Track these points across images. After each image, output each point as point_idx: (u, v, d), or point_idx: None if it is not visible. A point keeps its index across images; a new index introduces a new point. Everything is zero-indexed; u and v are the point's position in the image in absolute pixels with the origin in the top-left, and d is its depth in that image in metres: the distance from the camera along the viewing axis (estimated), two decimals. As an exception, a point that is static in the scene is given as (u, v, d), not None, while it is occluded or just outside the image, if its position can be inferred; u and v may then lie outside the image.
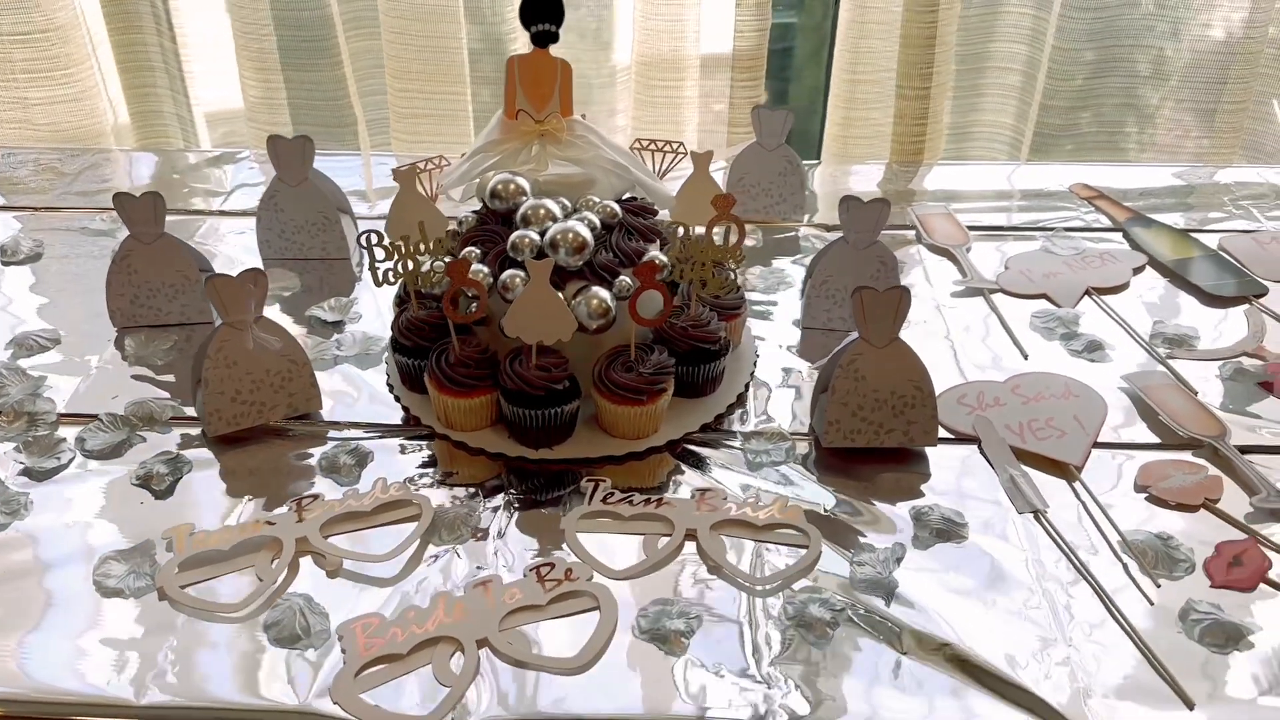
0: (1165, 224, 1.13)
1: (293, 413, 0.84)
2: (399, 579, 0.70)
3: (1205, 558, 0.71)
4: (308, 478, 0.79)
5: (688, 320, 0.84)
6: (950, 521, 0.74)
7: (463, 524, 0.74)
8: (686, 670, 0.64)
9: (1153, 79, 1.44)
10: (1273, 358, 0.91)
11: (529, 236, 0.81)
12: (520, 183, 0.86)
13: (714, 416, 0.85)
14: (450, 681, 0.63)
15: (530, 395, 0.78)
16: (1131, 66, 1.43)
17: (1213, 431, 0.82)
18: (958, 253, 1.08)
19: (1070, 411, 0.84)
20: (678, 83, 1.33)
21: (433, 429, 0.83)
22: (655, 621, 0.66)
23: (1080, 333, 0.95)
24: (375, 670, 0.64)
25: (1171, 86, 1.44)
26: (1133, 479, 0.78)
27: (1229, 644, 0.65)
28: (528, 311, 0.77)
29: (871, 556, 0.71)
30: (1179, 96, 1.44)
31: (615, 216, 0.87)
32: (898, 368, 0.79)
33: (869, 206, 0.91)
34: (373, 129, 1.44)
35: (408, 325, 0.84)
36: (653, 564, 0.71)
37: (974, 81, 1.39)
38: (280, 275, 1.05)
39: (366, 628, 0.66)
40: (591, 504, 0.76)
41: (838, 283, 0.94)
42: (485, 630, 0.65)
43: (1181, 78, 1.42)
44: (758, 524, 0.74)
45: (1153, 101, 1.46)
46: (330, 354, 0.93)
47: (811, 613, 0.67)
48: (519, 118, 0.88)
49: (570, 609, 0.68)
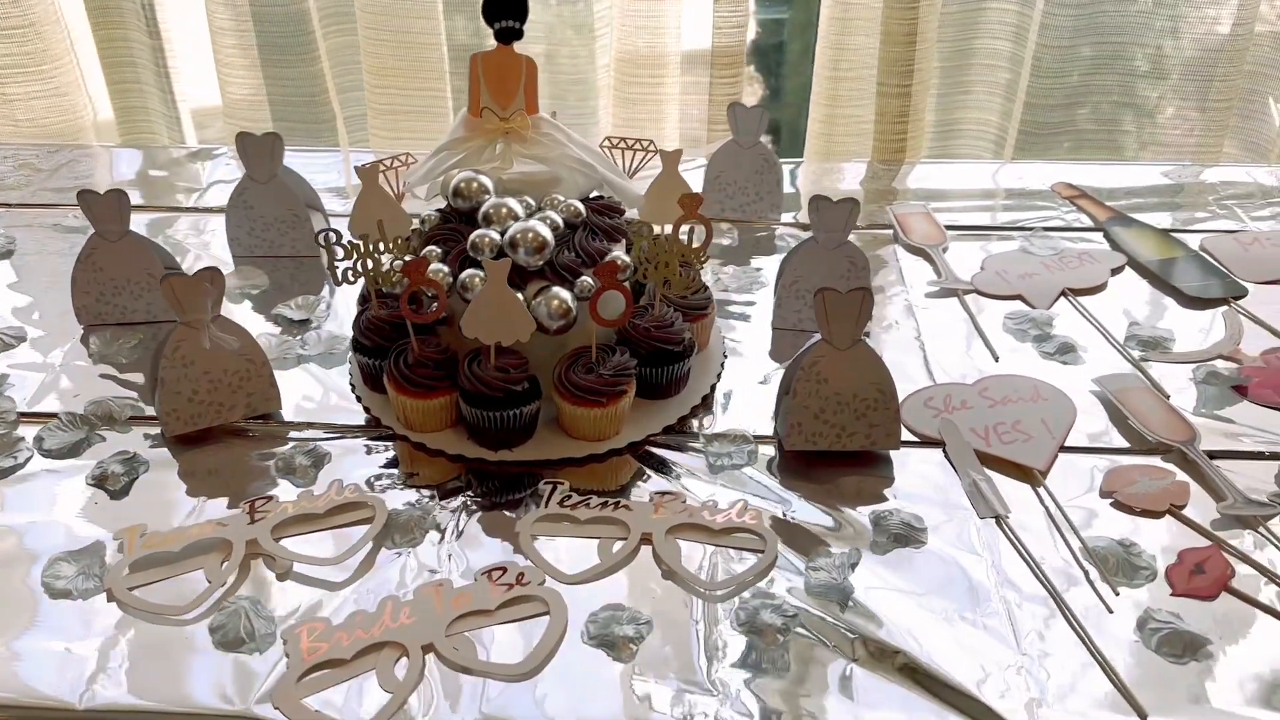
0: (1146, 224, 1.11)
1: (252, 413, 0.83)
2: (350, 582, 0.70)
3: (1168, 565, 0.70)
4: (267, 479, 0.79)
5: (651, 321, 0.83)
6: (909, 526, 0.73)
7: (417, 527, 0.73)
8: (633, 677, 0.63)
9: (1146, 76, 1.42)
10: (1248, 361, 0.90)
11: (489, 236, 0.81)
12: (483, 181, 0.85)
13: (677, 419, 0.84)
14: (393, 688, 0.62)
15: (488, 397, 0.77)
16: (1127, 64, 1.41)
17: (1183, 436, 0.80)
18: (933, 253, 1.06)
19: (1038, 415, 0.83)
20: (658, 79, 1.31)
21: (393, 430, 0.82)
22: (605, 627, 0.65)
23: (1053, 334, 0.93)
24: (319, 675, 0.63)
25: (1170, 84, 1.42)
26: (1099, 484, 0.77)
27: (1186, 654, 0.64)
28: (485, 312, 0.76)
29: (827, 562, 0.70)
30: (1169, 93, 1.42)
31: (579, 216, 0.86)
32: (860, 370, 0.78)
33: (838, 206, 0.90)
34: (352, 125, 1.43)
35: (368, 325, 0.83)
36: (606, 568, 0.70)
37: (959, 78, 1.37)
38: (249, 273, 1.04)
39: (312, 632, 0.65)
40: (548, 507, 0.75)
41: (808, 283, 0.93)
42: (431, 635, 0.65)
43: (1178, 74, 1.40)
44: (715, 528, 0.73)
45: (1151, 97, 1.44)
46: (294, 353, 0.92)
47: (763, 619, 0.66)
48: (483, 115, 0.87)
49: (519, 614, 0.67)
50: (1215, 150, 1.38)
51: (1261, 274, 1.02)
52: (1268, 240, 1.07)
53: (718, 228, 1.12)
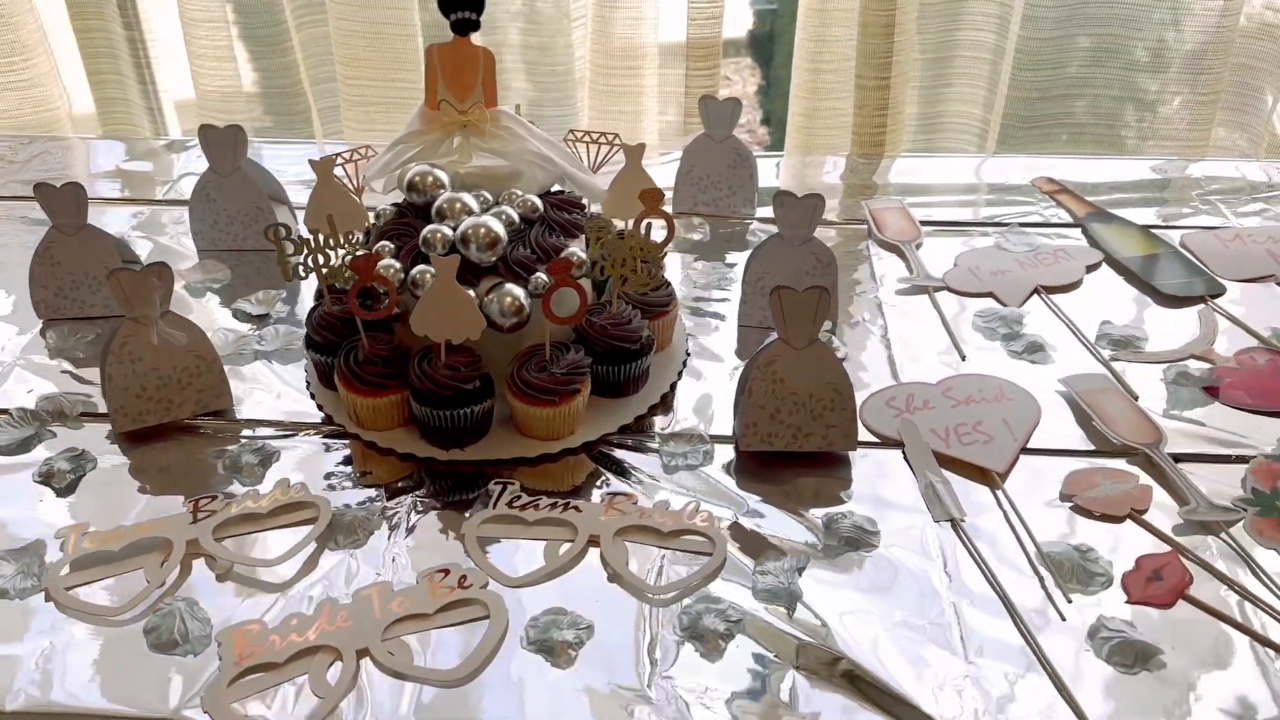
0: (1126, 220, 1.09)
1: (203, 409, 0.82)
2: (292, 584, 0.69)
3: (1124, 572, 0.68)
4: (219, 477, 0.78)
5: (608, 319, 0.82)
6: (861, 530, 0.71)
7: (361, 528, 0.72)
8: (569, 683, 0.62)
9: (1144, 69, 1.39)
10: (1221, 361, 0.88)
11: (442, 231, 0.79)
12: (438, 175, 0.84)
13: (634, 418, 0.82)
14: (324, 693, 0.61)
15: (438, 395, 0.76)
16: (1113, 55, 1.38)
17: (1149, 438, 0.79)
18: (906, 249, 1.05)
19: (1000, 416, 0.81)
20: (636, 72, 1.30)
21: (345, 429, 0.81)
22: (544, 632, 0.64)
23: (1023, 333, 0.92)
24: (252, 679, 0.62)
25: (1164, 76, 1.39)
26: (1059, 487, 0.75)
27: (1137, 664, 0.62)
28: (434, 309, 0.75)
29: (776, 566, 0.69)
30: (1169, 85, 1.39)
31: (536, 211, 0.85)
32: (816, 370, 0.76)
33: (802, 202, 0.88)
34: (326, 117, 1.42)
35: (320, 321, 0.82)
36: (550, 571, 0.69)
37: (941, 71, 1.35)
38: (212, 266, 1.03)
39: (246, 635, 0.64)
40: (496, 508, 0.74)
41: (774, 279, 0.91)
42: (367, 640, 0.64)
43: (1175, 66, 1.37)
44: (664, 530, 0.72)
45: (1150, 90, 1.41)
46: (251, 349, 0.91)
47: (705, 624, 0.64)
48: (441, 108, 0.85)
49: (458, 618, 0.66)
50: (1202, 145, 1.35)
51: (1241, 271, 1.00)
52: (1249, 237, 1.05)
53: (690, 222, 1.11)
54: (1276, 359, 0.88)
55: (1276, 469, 0.76)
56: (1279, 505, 0.73)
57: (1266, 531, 0.71)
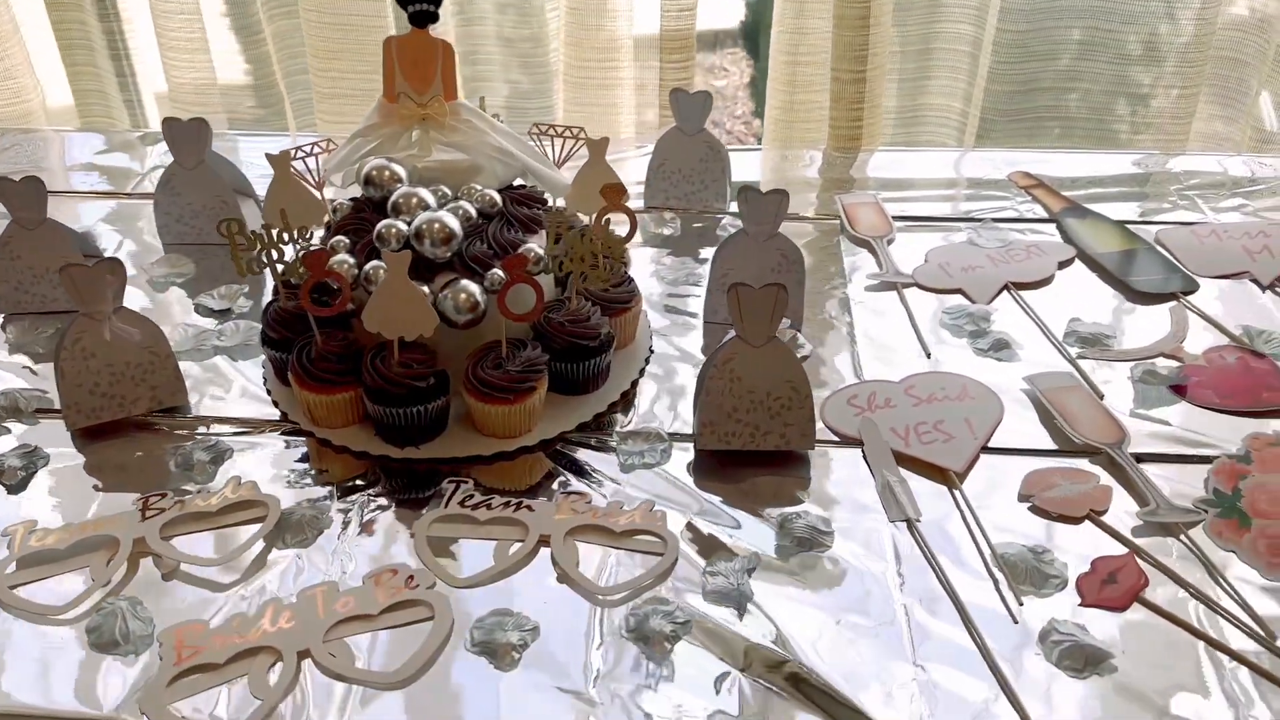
0: (1101, 215, 1.08)
1: (157, 406, 0.82)
2: (238, 583, 0.68)
3: (1080, 574, 0.67)
4: (174, 474, 0.77)
5: (566, 315, 0.81)
6: (815, 530, 0.70)
7: (309, 527, 0.71)
8: (511, 686, 0.61)
9: (1126, 62, 1.37)
10: (1190, 359, 0.87)
11: (396, 227, 0.78)
12: (396, 169, 0.83)
13: (593, 416, 0.81)
14: (263, 694, 0.60)
15: (391, 393, 0.75)
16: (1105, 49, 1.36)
17: (1112, 438, 0.78)
18: (877, 244, 1.03)
19: (962, 414, 0.80)
20: (611, 64, 1.28)
21: (300, 426, 0.80)
22: (489, 634, 0.63)
23: (990, 331, 0.91)
24: (191, 680, 0.61)
25: (1151, 69, 1.37)
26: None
27: (1087, 668, 0.61)
28: (386, 305, 0.74)
29: (727, 566, 0.68)
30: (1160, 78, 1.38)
31: (495, 206, 0.84)
32: (774, 368, 0.75)
33: (767, 197, 0.87)
34: (300, 109, 1.41)
35: (275, 317, 0.81)
36: (499, 572, 0.68)
37: (921, 63, 1.33)
38: (177, 260, 1.02)
39: (187, 635, 0.63)
40: (448, 507, 0.73)
41: (739, 276, 0.90)
42: (308, 641, 0.63)
43: (1163, 59, 1.36)
44: (616, 530, 0.71)
45: (1144, 83, 1.40)
46: (210, 344, 0.90)
47: (651, 626, 0.64)
48: (399, 101, 0.84)
49: (403, 619, 0.65)
50: (1183, 139, 1.34)
51: (1215, 268, 0.99)
52: (1225, 233, 1.04)
53: (661, 217, 1.10)
54: (1246, 357, 0.87)
55: (1239, 469, 0.75)
56: (1240, 507, 0.72)
57: (1226, 533, 0.70)
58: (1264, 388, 0.83)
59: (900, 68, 1.34)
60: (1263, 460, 0.75)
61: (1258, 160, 1.23)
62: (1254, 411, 0.81)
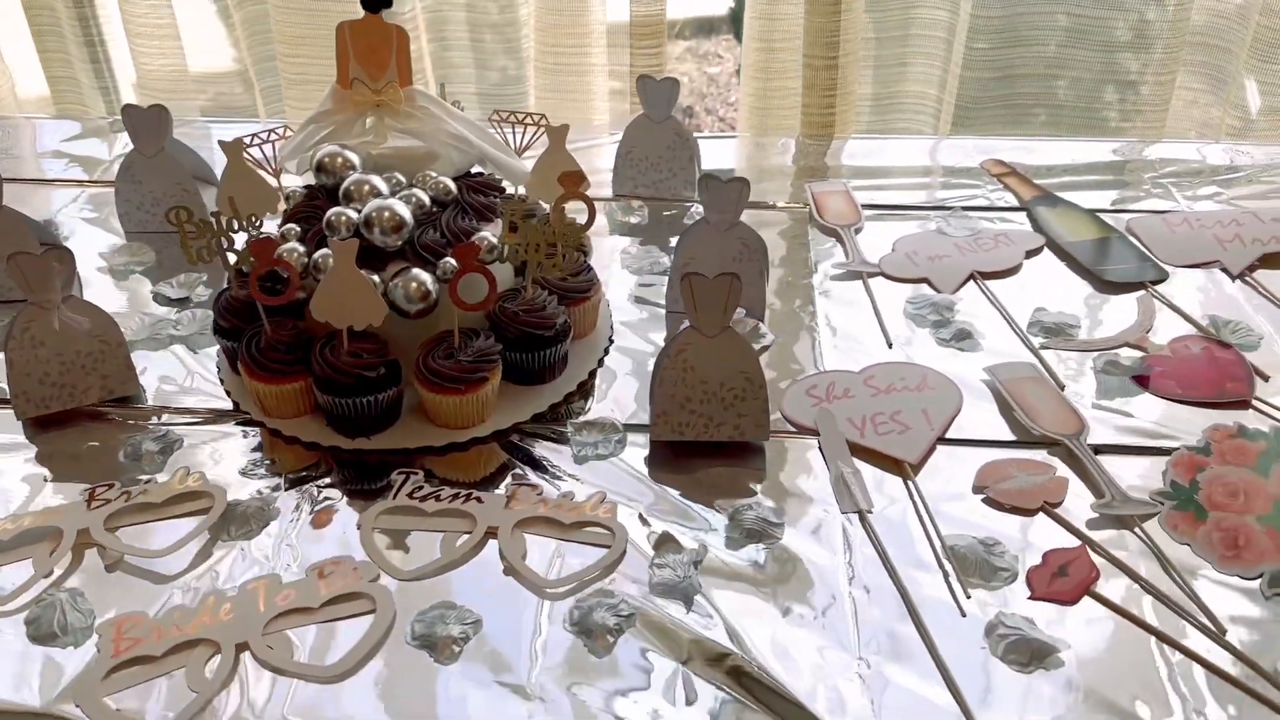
0: (1073, 203, 1.07)
1: (108, 395, 0.81)
2: (181, 575, 0.67)
3: (1030, 567, 0.66)
4: (120, 465, 0.77)
5: (521, 304, 0.80)
6: (766, 522, 0.70)
7: (254, 518, 0.71)
8: (450, 680, 0.60)
9: (1126, 47, 1.36)
10: (1154, 350, 0.86)
11: (346, 215, 0.77)
12: (348, 156, 0.82)
13: (548, 406, 0.81)
14: (200, 687, 0.60)
15: (341, 383, 0.74)
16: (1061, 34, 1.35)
17: (1070, 429, 0.77)
18: (844, 233, 1.02)
19: (920, 405, 0.79)
20: (583, 50, 1.27)
21: (251, 416, 0.79)
22: (430, 627, 0.63)
23: (954, 320, 0.90)
24: (128, 672, 0.61)
25: (1130, 57, 1.36)
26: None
27: (1033, 662, 0.60)
28: (334, 294, 0.73)
29: (674, 559, 0.67)
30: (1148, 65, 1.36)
31: (450, 194, 0.83)
32: (728, 358, 0.74)
33: (728, 186, 0.86)
34: (269, 96, 1.39)
35: (226, 306, 0.80)
36: (444, 564, 0.68)
37: (896, 50, 1.32)
38: (138, 249, 1.01)
39: (126, 627, 0.63)
40: (396, 499, 0.72)
41: (701, 265, 0.89)
42: (247, 634, 0.62)
43: (1155, 47, 1.34)
44: (565, 522, 0.70)
45: (1131, 70, 1.38)
46: (166, 333, 0.89)
47: (595, 619, 0.63)
48: (353, 87, 0.83)
49: (344, 612, 0.64)
50: (1159, 126, 1.33)
51: (1185, 257, 0.98)
52: (1196, 221, 1.03)
53: (629, 205, 1.09)
54: (1212, 348, 0.86)
55: (1199, 461, 0.74)
56: (1197, 499, 0.71)
57: (1181, 526, 0.69)
58: (1227, 378, 0.82)
59: (875, 54, 1.32)
60: (1222, 452, 0.75)
61: (1238, 148, 1.22)
62: (1216, 403, 0.80)
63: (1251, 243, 0.99)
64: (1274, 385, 0.82)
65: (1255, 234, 1.00)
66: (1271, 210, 1.04)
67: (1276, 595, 0.65)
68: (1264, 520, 0.69)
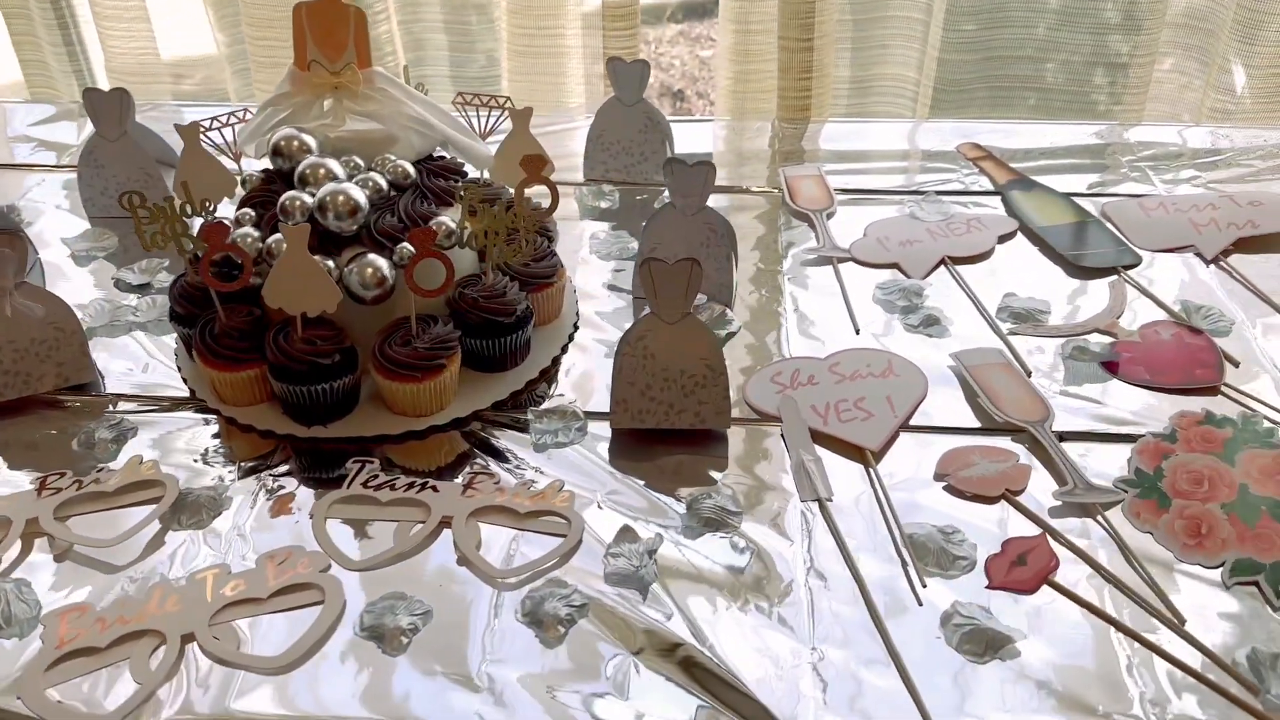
0: (1047, 188, 1.05)
1: (63, 383, 0.80)
2: (131, 565, 0.67)
3: (989, 555, 0.66)
4: (74, 454, 0.76)
5: (481, 290, 0.79)
6: (724, 510, 0.69)
7: (205, 508, 0.70)
8: (398, 672, 0.60)
9: (1119, 29, 1.34)
10: (1124, 335, 0.85)
11: (301, 199, 0.76)
12: (305, 140, 0.80)
13: (509, 394, 0.80)
14: (144, 679, 0.59)
15: (294, 370, 0.73)
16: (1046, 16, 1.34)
17: (1034, 416, 0.76)
18: (816, 218, 1.01)
19: (885, 392, 0.78)
20: (556, 33, 1.25)
21: (207, 403, 0.79)
22: (379, 618, 0.62)
23: (923, 306, 0.89)
24: (72, 664, 0.60)
25: (1136, 39, 1.34)
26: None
27: (988, 652, 0.60)
28: (287, 280, 0.72)
29: (630, 548, 0.66)
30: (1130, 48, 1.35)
31: (408, 178, 0.81)
32: (688, 345, 0.73)
33: (694, 169, 0.85)
34: (241, 79, 1.38)
35: (182, 292, 0.79)
36: (396, 554, 0.67)
37: (874, 32, 1.30)
38: (100, 234, 1.00)
39: (72, 618, 0.62)
40: (350, 488, 0.71)
41: (668, 250, 0.88)
42: (193, 625, 0.61)
43: (1141, 30, 1.33)
44: (521, 511, 0.69)
45: (1123, 52, 1.37)
46: (126, 320, 0.88)
47: (546, 609, 0.62)
48: (311, 69, 0.82)
49: (293, 602, 0.64)
50: (1138, 109, 1.31)
51: (1160, 242, 0.97)
52: (1172, 205, 1.02)
53: (600, 190, 1.08)
54: (1182, 333, 0.85)
55: (1164, 449, 0.73)
56: (1160, 487, 0.70)
57: (1144, 514, 0.69)
58: (1197, 364, 0.81)
59: (853, 36, 1.30)
60: (1188, 439, 0.74)
61: (1219, 131, 1.20)
62: (1185, 389, 0.79)
63: (1227, 227, 0.98)
64: (1244, 371, 0.81)
65: (1231, 218, 0.99)
66: (1248, 194, 1.03)
67: (1238, 584, 0.64)
68: (1228, 508, 0.68)
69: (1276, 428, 0.74)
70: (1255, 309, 0.88)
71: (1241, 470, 0.71)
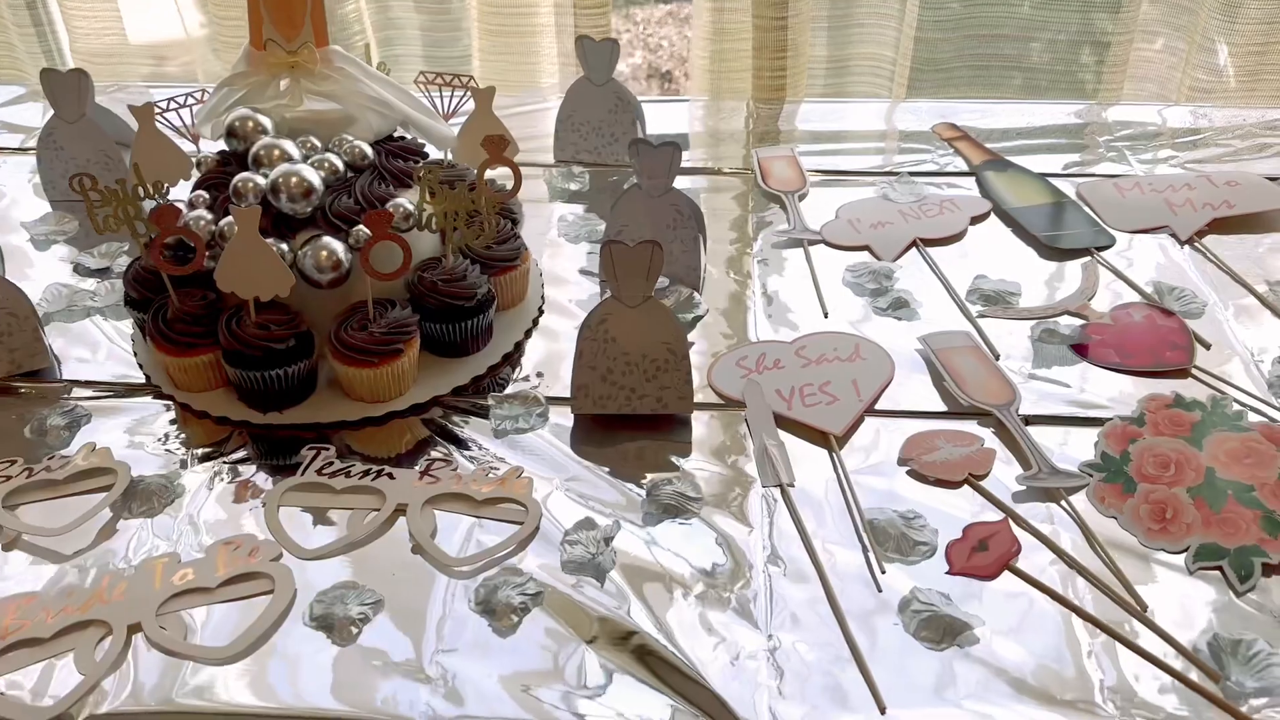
0: (1022, 168, 1.04)
1: (16, 369, 0.79)
2: (78, 554, 0.65)
3: (950, 541, 0.65)
4: (26, 441, 0.74)
5: (440, 274, 0.78)
6: (683, 496, 0.68)
7: (156, 496, 0.69)
8: (346, 662, 0.59)
9: (1089, 9, 1.32)
10: (1095, 317, 0.84)
11: (254, 181, 0.75)
12: (260, 120, 0.79)
13: (469, 379, 0.79)
14: (88, 670, 0.58)
15: (247, 355, 0.72)
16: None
17: (1000, 399, 0.75)
18: (788, 199, 1.00)
19: (850, 376, 0.77)
20: (530, 11, 1.23)
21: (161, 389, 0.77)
22: (329, 607, 0.61)
23: (892, 289, 0.87)
24: (15, 654, 0.59)
25: (1120, 17, 1.33)
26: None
27: (945, 640, 0.59)
28: (238, 264, 0.71)
29: (586, 535, 0.65)
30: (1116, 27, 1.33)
31: (366, 159, 0.80)
32: (650, 329, 0.72)
33: (659, 150, 0.84)
34: (221, 61, 1.36)
35: (136, 277, 0.78)
36: (348, 543, 0.66)
37: (849, 10, 1.28)
38: (60, 217, 0.98)
39: (18, 608, 0.61)
40: (305, 475, 0.70)
41: (635, 232, 0.87)
42: (140, 614, 0.60)
43: (1122, 9, 1.31)
44: (478, 498, 0.68)
45: (1109, 31, 1.35)
46: (83, 305, 0.87)
47: (499, 598, 0.61)
48: (267, 48, 0.80)
49: (242, 592, 0.63)
50: (1116, 89, 1.30)
51: (1134, 222, 0.96)
52: (1148, 186, 1.00)
53: (569, 171, 1.06)
54: (1154, 315, 0.84)
55: (1131, 432, 0.72)
56: (1126, 471, 0.69)
57: (1109, 499, 0.68)
58: (1167, 346, 0.80)
59: (828, 14, 1.29)
60: (1156, 423, 0.73)
61: (1199, 110, 1.19)
62: (1155, 371, 0.78)
63: (1202, 207, 0.96)
64: (1215, 354, 0.80)
65: (1207, 198, 0.97)
66: (1225, 174, 1.02)
67: (1201, 569, 0.63)
68: (1194, 492, 0.67)
69: (1245, 411, 0.74)
70: (1228, 291, 0.87)
71: (1209, 454, 0.70)
